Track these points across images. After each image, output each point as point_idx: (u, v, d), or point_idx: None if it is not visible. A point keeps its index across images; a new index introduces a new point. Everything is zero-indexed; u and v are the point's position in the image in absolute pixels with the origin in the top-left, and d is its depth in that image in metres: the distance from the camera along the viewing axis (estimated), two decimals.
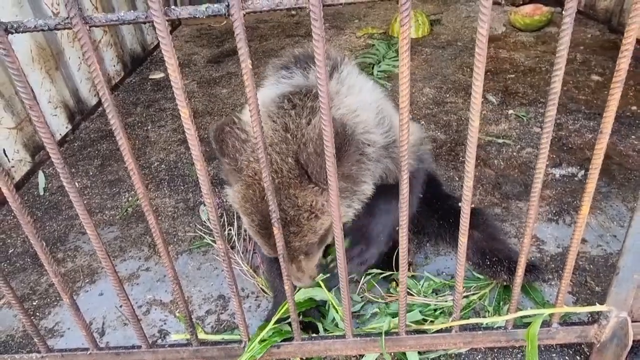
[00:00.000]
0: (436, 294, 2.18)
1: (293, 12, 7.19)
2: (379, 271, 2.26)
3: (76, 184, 3.34)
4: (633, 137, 3.32)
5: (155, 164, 3.56)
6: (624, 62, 1.21)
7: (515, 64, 4.73)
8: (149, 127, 4.13)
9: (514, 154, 3.29)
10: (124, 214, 3.04)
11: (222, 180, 3.27)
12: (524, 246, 1.57)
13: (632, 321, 1.69)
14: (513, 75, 4.47)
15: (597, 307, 1.60)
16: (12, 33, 1.20)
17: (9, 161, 3.33)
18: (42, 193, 3.33)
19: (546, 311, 1.59)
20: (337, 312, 1.97)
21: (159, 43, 2.02)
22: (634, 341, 1.71)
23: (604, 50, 4.78)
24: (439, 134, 3.62)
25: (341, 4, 1.17)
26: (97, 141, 3.97)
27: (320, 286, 1.93)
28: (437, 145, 3.46)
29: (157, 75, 5.22)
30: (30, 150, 3.54)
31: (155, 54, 5.86)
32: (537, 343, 1.69)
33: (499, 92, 4.18)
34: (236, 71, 5.17)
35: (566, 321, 1.84)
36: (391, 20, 6.04)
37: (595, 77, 4.27)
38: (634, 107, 3.69)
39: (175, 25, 7.00)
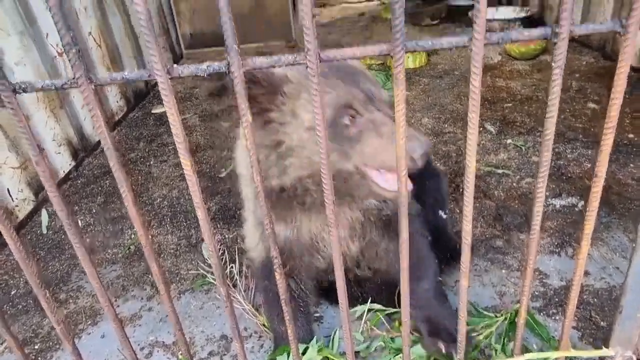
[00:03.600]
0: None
1: (291, 44, 7.36)
2: (381, 307, 2.25)
3: (79, 222, 3.37)
4: (632, 165, 3.35)
5: (158, 200, 3.59)
6: (614, 111, 1.24)
7: (512, 92, 4.80)
8: (151, 163, 4.18)
9: (514, 184, 3.31)
10: (126, 252, 3.05)
11: (224, 217, 3.30)
12: (525, 285, 1.57)
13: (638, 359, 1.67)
14: (510, 104, 4.53)
15: (603, 352, 1.59)
16: (19, 93, 1.23)
17: (13, 200, 3.36)
18: (45, 231, 3.35)
19: (551, 355, 1.58)
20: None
21: None
22: None
23: (598, 77, 4.86)
24: (438, 164, 3.65)
25: (337, 60, 1.21)
26: (100, 177, 4.01)
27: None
28: None
29: (160, 110, 5.30)
30: (34, 188, 3.58)
31: (157, 88, 5.95)
32: None
33: (497, 121, 4.23)
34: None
35: None
36: None
37: (591, 105, 4.32)
38: (631, 135, 3.73)
39: (177, 58, 7.15)
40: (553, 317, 2.25)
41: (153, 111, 5.32)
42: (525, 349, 1.85)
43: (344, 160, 1.64)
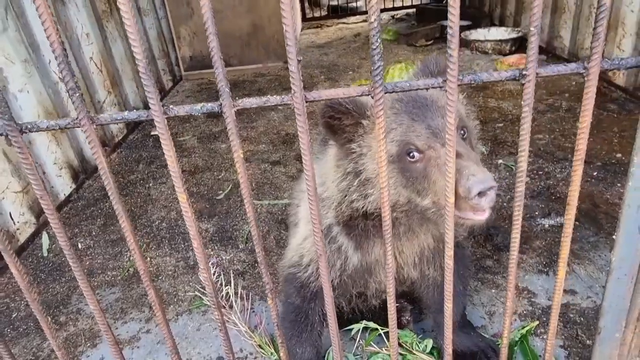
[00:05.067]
0: (437, 353, 2.22)
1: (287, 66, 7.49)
2: (375, 326, 2.30)
3: (79, 244, 3.43)
4: (619, 184, 3.43)
5: (157, 222, 3.66)
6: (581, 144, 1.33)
7: (503, 112, 4.91)
8: (150, 185, 4.26)
9: (504, 204, 3.39)
10: (125, 274, 3.11)
11: (222, 238, 3.37)
12: (507, 308, 1.64)
13: None
14: (502, 124, 4.63)
15: None
16: (26, 133, 1.32)
17: (15, 223, 3.43)
18: (45, 254, 3.42)
19: None
20: None
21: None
22: None
23: None
24: None
25: (322, 100, 1.30)
26: (100, 200, 4.09)
27: None
28: None
29: None
30: (35, 212, 3.65)
31: None
32: None
33: (489, 141, 4.33)
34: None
35: None
36: (385, 70, 6.29)
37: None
38: (619, 155, 3.82)
39: (176, 80, 7.29)
40: (541, 337, 2.30)
41: (152, 133, 5.42)
42: None
43: (416, 196, 1.65)
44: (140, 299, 2.87)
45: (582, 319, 2.37)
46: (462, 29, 7.68)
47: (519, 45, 6.82)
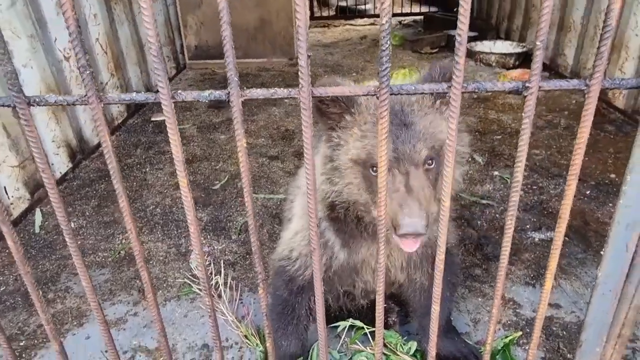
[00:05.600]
0: (420, 356, 2.24)
1: (293, 62, 7.51)
2: (361, 324, 2.32)
3: (72, 224, 3.44)
4: (610, 204, 3.48)
5: (151, 208, 3.67)
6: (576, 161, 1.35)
7: (502, 125, 4.95)
8: (147, 170, 4.26)
9: (497, 215, 3.43)
10: (116, 257, 3.12)
11: (215, 228, 3.38)
12: (493, 316, 1.67)
13: None
14: (500, 137, 4.68)
15: None
16: (33, 106, 1.33)
17: (9, 198, 3.43)
18: (37, 231, 3.42)
19: None
20: None
21: None
22: None
23: None
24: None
25: (328, 97, 1.32)
26: (96, 181, 4.09)
27: None
28: None
29: (159, 118, 5.40)
30: (30, 188, 3.65)
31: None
32: None
33: (486, 152, 4.37)
34: None
35: None
36: (391, 74, 6.32)
37: None
38: (613, 175, 3.87)
39: (180, 68, 7.29)
40: (523, 347, 2.34)
41: (153, 118, 5.43)
42: None
43: (372, 204, 1.67)
44: (130, 282, 2.89)
45: (564, 332, 2.41)
46: (469, 39, 7.71)
47: (523, 60, 6.88)
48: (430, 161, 1.64)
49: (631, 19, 4.85)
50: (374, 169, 1.63)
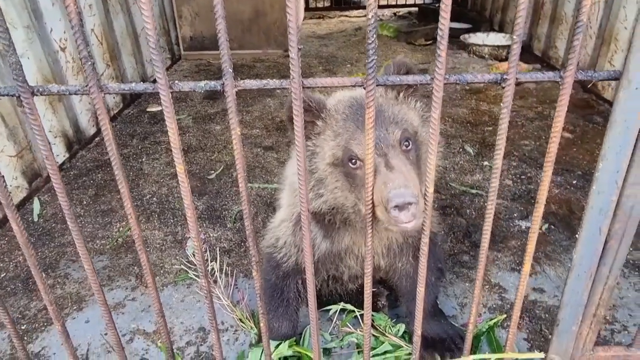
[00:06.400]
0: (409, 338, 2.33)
1: (288, 53, 7.55)
2: (352, 308, 2.41)
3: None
4: None
5: (147, 197, 3.73)
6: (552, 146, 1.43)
7: (494, 116, 5.03)
8: (143, 160, 4.32)
9: (486, 204, 3.50)
10: (114, 244, 3.19)
11: (210, 217, 3.45)
12: (475, 295, 1.76)
13: None
14: (491, 128, 4.76)
15: (533, 354, 1.79)
16: (37, 95, 1.40)
17: (7, 187, 3.47)
18: (36, 219, 3.48)
19: (491, 356, 1.76)
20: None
21: None
22: None
23: (576, 108, 5.12)
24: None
25: (319, 87, 1.39)
26: (93, 171, 4.14)
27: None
28: None
29: (155, 108, 5.45)
30: (28, 177, 3.70)
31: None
32: None
33: (477, 143, 4.45)
34: None
35: None
36: (382, 65, 6.39)
37: (566, 135, 4.57)
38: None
39: (175, 59, 7.31)
40: (507, 329, 2.43)
41: (148, 109, 5.47)
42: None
43: (359, 201, 1.74)
44: (128, 268, 2.96)
45: (547, 315, 2.51)
46: (462, 31, 7.79)
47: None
48: (407, 142, 1.70)
49: (621, 12, 4.93)
50: (353, 161, 1.71)
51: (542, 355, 1.82)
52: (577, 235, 1.65)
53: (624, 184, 1.49)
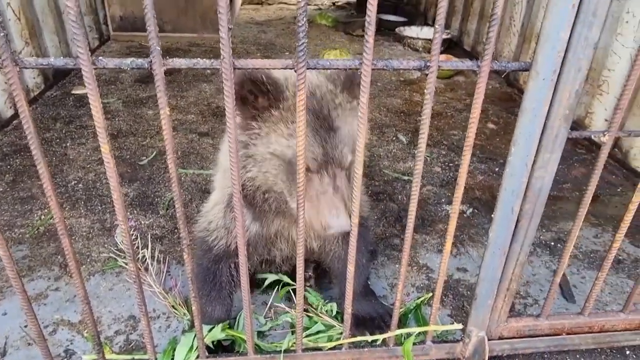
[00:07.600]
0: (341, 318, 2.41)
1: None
2: (287, 280, 2.43)
3: None
4: None
5: (73, 183, 3.54)
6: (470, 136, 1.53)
7: None
8: (67, 144, 4.08)
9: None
10: (34, 232, 3.00)
11: (142, 204, 3.34)
12: (401, 274, 1.85)
13: (489, 339, 2.02)
14: None
15: (453, 326, 1.92)
16: None
17: None
18: None
19: (415, 330, 1.87)
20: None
21: None
22: (490, 357, 2.05)
23: (500, 101, 5.45)
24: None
25: (249, 69, 1.39)
26: (10, 155, 3.85)
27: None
28: None
29: (81, 91, 5.14)
30: None
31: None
32: (414, 359, 1.98)
33: (409, 132, 4.63)
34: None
35: (442, 340, 2.16)
36: (320, 54, 6.43)
37: (490, 125, 4.86)
38: None
39: (103, 40, 6.92)
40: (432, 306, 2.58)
41: (73, 92, 5.15)
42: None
43: (288, 194, 1.80)
44: (50, 257, 2.80)
45: (469, 292, 2.68)
46: (398, 24, 8.01)
47: (448, 45, 7.24)
48: (350, 156, 1.77)
49: (540, 12, 5.29)
50: None
51: (460, 326, 1.96)
52: (493, 216, 1.78)
53: (533, 167, 1.62)
